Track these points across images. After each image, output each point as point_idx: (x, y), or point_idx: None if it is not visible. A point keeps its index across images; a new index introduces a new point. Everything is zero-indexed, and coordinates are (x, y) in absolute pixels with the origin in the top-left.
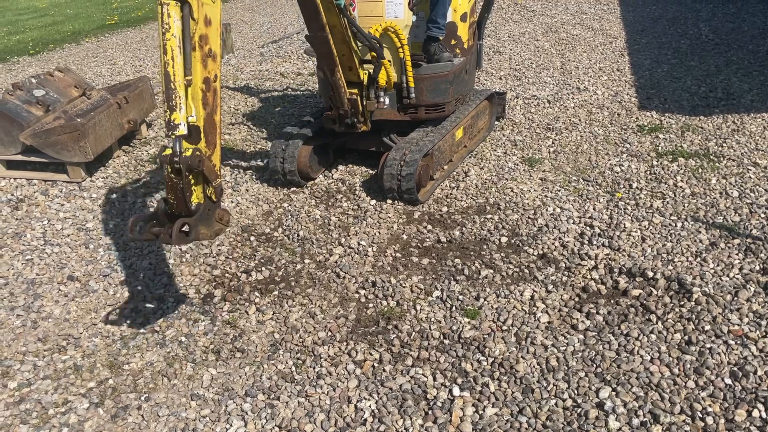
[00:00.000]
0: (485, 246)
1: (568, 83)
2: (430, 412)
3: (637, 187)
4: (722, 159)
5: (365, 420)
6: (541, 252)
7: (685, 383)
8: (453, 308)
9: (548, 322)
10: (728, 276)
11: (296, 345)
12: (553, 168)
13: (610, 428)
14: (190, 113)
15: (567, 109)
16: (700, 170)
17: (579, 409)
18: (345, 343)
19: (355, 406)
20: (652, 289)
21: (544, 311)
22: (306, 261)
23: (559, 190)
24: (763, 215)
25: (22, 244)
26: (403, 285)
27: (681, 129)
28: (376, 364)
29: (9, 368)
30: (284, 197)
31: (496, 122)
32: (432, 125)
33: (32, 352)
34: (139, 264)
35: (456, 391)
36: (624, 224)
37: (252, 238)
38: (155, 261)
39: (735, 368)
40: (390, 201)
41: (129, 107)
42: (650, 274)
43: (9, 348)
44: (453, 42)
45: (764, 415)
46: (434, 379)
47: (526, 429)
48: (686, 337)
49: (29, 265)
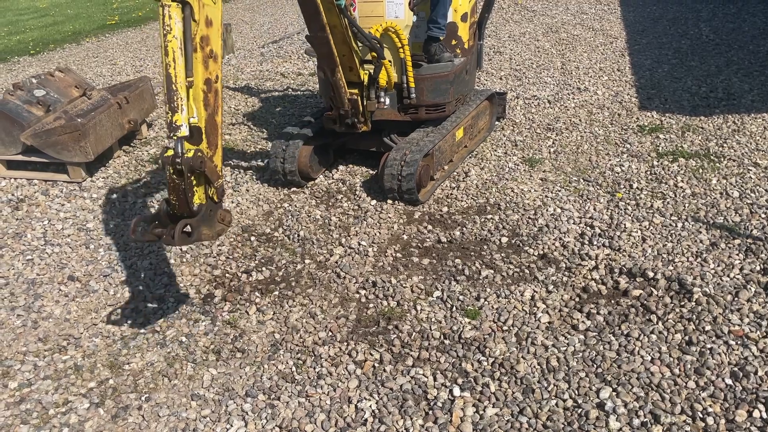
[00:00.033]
0: (486, 246)
1: (569, 83)
2: (431, 413)
3: (638, 188)
4: (723, 159)
5: (366, 420)
6: (542, 252)
7: (686, 383)
8: (453, 308)
9: (549, 323)
10: (729, 276)
11: (297, 345)
12: (554, 168)
13: (611, 428)
14: (192, 114)
15: (567, 110)
16: (701, 170)
17: (579, 410)
18: (345, 343)
19: (356, 407)
20: (653, 290)
21: (545, 311)
22: (306, 261)
23: (560, 191)
24: (764, 215)
25: (23, 244)
26: (404, 285)
27: (681, 129)
28: (377, 365)
29: (9, 368)
30: (285, 197)
31: (497, 122)
32: (432, 125)
33: (33, 352)
34: (140, 264)
35: (456, 392)
36: (624, 224)
37: (252, 239)
38: (156, 261)
39: (735, 369)
40: (390, 201)
41: (129, 107)
42: (651, 275)
43: (9, 348)
44: (453, 42)
45: (765, 416)
46: (435, 380)
47: (527, 429)
48: (687, 338)
49: (30, 265)
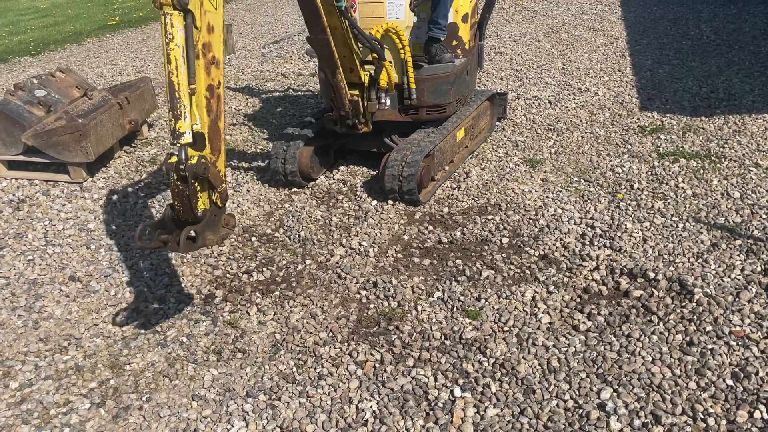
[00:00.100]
0: (486, 247)
1: (570, 84)
2: (432, 413)
3: (639, 188)
4: (724, 160)
5: (366, 421)
6: (543, 253)
7: (687, 384)
8: (454, 309)
9: (549, 323)
10: (730, 277)
11: (297, 345)
12: (555, 169)
13: (612, 429)
14: (195, 121)
15: (568, 110)
16: (702, 171)
17: (580, 410)
18: (346, 344)
19: (357, 407)
20: (654, 290)
21: (546, 312)
22: (307, 261)
23: (561, 191)
24: (765, 216)
25: (24, 245)
26: (405, 286)
27: (682, 130)
28: (378, 365)
29: (10, 368)
30: (285, 198)
31: (498, 123)
32: (433, 126)
33: (33, 353)
34: (141, 264)
35: (457, 392)
36: (625, 225)
37: (253, 239)
38: (156, 261)
39: (736, 369)
40: (391, 202)
41: (130, 108)
42: (651, 275)
43: (10, 348)
44: (454, 43)
45: (766, 417)
46: (435, 380)
47: (528, 430)
48: (688, 338)
49: (30, 266)
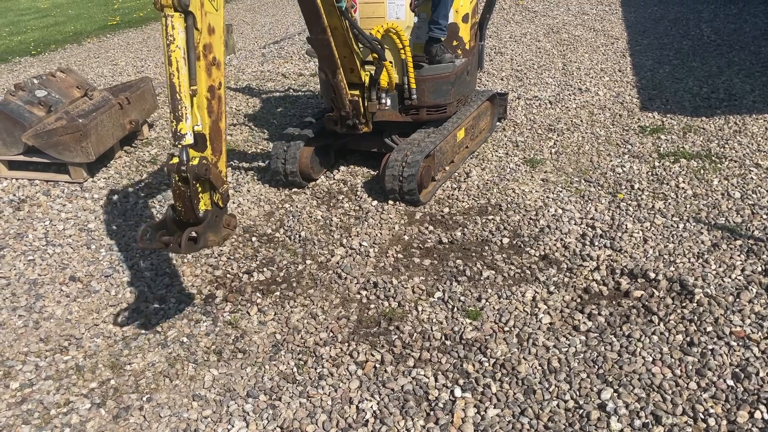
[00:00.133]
0: (487, 247)
1: (570, 84)
2: (432, 413)
3: (639, 188)
4: (724, 160)
5: (367, 421)
6: (543, 253)
7: (687, 384)
8: (454, 309)
9: (550, 323)
10: (730, 277)
11: (298, 346)
12: (555, 169)
13: (612, 429)
14: (196, 122)
15: (569, 110)
16: (702, 171)
17: (581, 411)
18: (346, 344)
19: (357, 407)
20: (654, 291)
21: (546, 312)
22: (307, 262)
23: (561, 191)
24: (765, 216)
25: (24, 245)
26: (405, 286)
27: (683, 130)
28: (378, 365)
29: (11, 368)
30: (286, 198)
31: (498, 123)
32: (433, 126)
33: (34, 353)
34: (141, 265)
35: (458, 392)
36: (626, 225)
37: (253, 239)
38: (157, 262)
39: (737, 370)
40: (391, 202)
41: (131, 108)
42: (652, 275)
43: (11, 348)
44: (454, 43)
45: (766, 417)
46: (436, 380)
47: (528, 430)
48: (688, 339)
49: (31, 266)
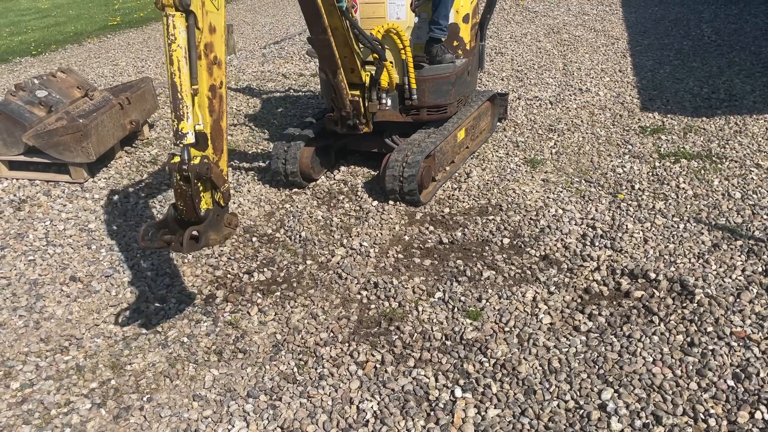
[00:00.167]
0: (487, 247)
1: (570, 84)
2: (432, 414)
3: (640, 189)
4: (725, 160)
5: (367, 421)
6: (544, 253)
7: (688, 385)
8: (455, 309)
9: (550, 324)
10: (731, 278)
11: (298, 346)
12: (555, 169)
13: (613, 430)
14: (197, 121)
15: (569, 111)
16: (703, 172)
17: (581, 411)
18: (347, 344)
19: (357, 407)
20: (655, 291)
21: (546, 312)
22: (308, 262)
23: (561, 192)
24: (766, 217)
25: (25, 245)
26: (405, 286)
27: (683, 130)
28: (378, 365)
29: (11, 369)
30: (286, 198)
31: (498, 123)
32: (434, 126)
33: (34, 353)
34: (142, 265)
35: (458, 393)
36: (626, 225)
37: (254, 239)
38: (158, 262)
39: (737, 370)
40: (392, 202)
41: (131, 108)
42: (652, 276)
43: (11, 348)
44: (455, 43)
45: (767, 417)
46: (436, 381)
47: (529, 430)
48: (688, 339)
49: (31, 266)
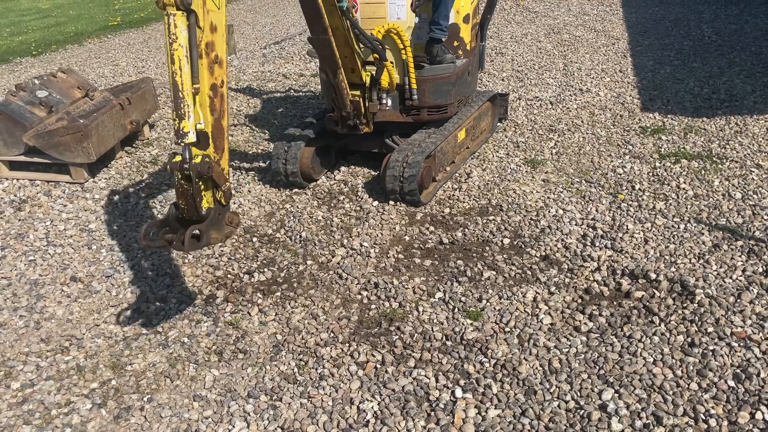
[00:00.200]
0: (488, 247)
1: (571, 85)
2: (433, 414)
3: (640, 189)
4: (725, 161)
5: (368, 421)
6: (544, 253)
7: (688, 385)
8: (455, 310)
9: (551, 324)
10: (731, 278)
11: (299, 346)
12: (556, 169)
13: (613, 430)
14: (199, 120)
15: (569, 111)
16: (703, 172)
17: (582, 411)
18: (347, 345)
19: (358, 408)
20: (655, 291)
21: (547, 313)
22: (308, 262)
23: (562, 192)
24: (766, 217)
25: (25, 245)
26: (406, 286)
27: (684, 130)
28: (379, 366)
29: (12, 369)
30: (286, 198)
31: (499, 124)
32: (434, 127)
33: (35, 353)
34: (142, 265)
35: (458, 393)
36: (627, 226)
37: (254, 240)
38: (158, 262)
39: (738, 370)
40: (392, 202)
41: (132, 108)
42: (653, 276)
43: (12, 349)
44: (455, 43)
45: (767, 418)
46: (437, 381)
47: (529, 431)
48: (689, 339)
49: (32, 266)
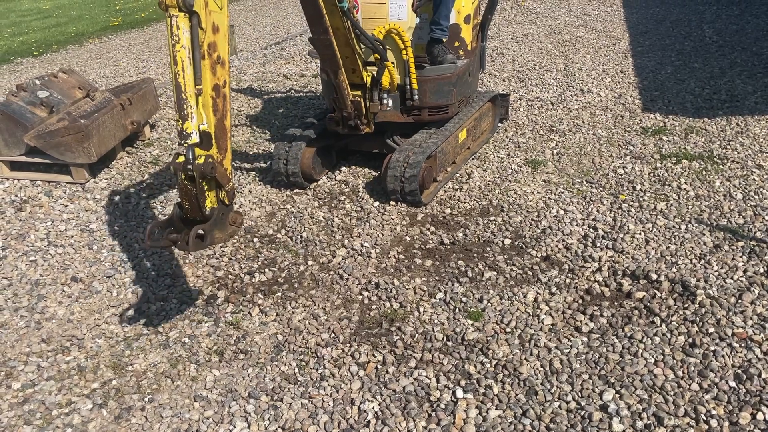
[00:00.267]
0: (489, 248)
1: (572, 85)
2: (434, 414)
3: (641, 189)
4: (726, 161)
5: (368, 422)
6: (545, 254)
7: (689, 386)
8: (456, 310)
9: (552, 324)
10: (732, 278)
11: (299, 346)
12: (557, 170)
13: (614, 430)
14: (201, 121)
15: (570, 111)
16: (704, 172)
17: (583, 412)
18: (348, 345)
19: (359, 408)
20: (656, 292)
21: (548, 313)
22: (309, 262)
23: (563, 192)
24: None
25: (26, 245)
26: (407, 287)
27: (685, 131)
28: (380, 366)
29: (13, 369)
30: (287, 199)
31: (500, 124)
32: (435, 127)
33: (36, 353)
34: (143, 265)
35: (459, 393)
36: (628, 226)
37: (255, 240)
38: (159, 262)
39: (739, 371)
40: (393, 203)
41: (132, 108)
42: (654, 277)
43: (13, 349)
44: (456, 44)
45: None
46: (437, 381)
47: (530, 431)
48: (690, 340)
49: (33, 266)
